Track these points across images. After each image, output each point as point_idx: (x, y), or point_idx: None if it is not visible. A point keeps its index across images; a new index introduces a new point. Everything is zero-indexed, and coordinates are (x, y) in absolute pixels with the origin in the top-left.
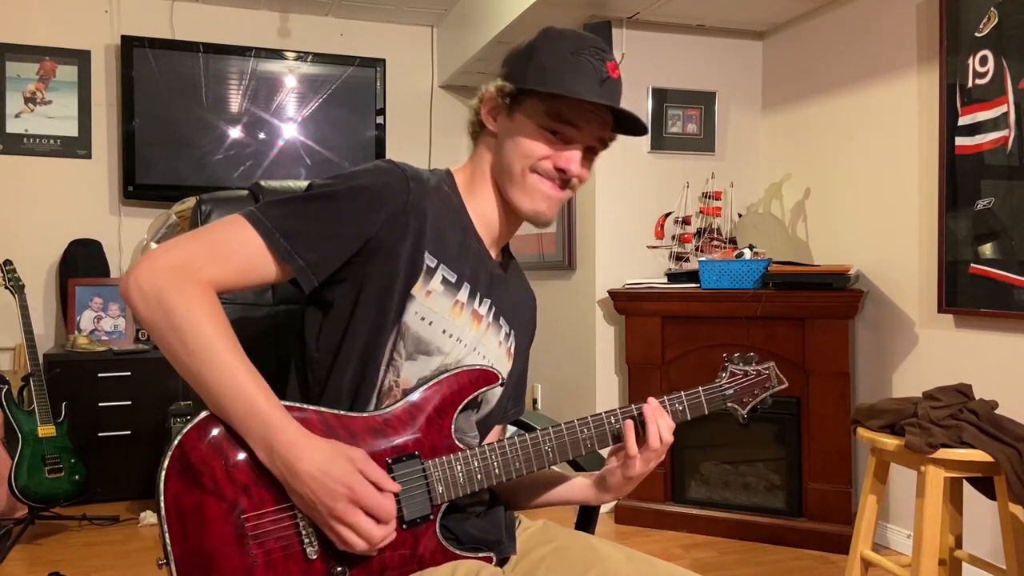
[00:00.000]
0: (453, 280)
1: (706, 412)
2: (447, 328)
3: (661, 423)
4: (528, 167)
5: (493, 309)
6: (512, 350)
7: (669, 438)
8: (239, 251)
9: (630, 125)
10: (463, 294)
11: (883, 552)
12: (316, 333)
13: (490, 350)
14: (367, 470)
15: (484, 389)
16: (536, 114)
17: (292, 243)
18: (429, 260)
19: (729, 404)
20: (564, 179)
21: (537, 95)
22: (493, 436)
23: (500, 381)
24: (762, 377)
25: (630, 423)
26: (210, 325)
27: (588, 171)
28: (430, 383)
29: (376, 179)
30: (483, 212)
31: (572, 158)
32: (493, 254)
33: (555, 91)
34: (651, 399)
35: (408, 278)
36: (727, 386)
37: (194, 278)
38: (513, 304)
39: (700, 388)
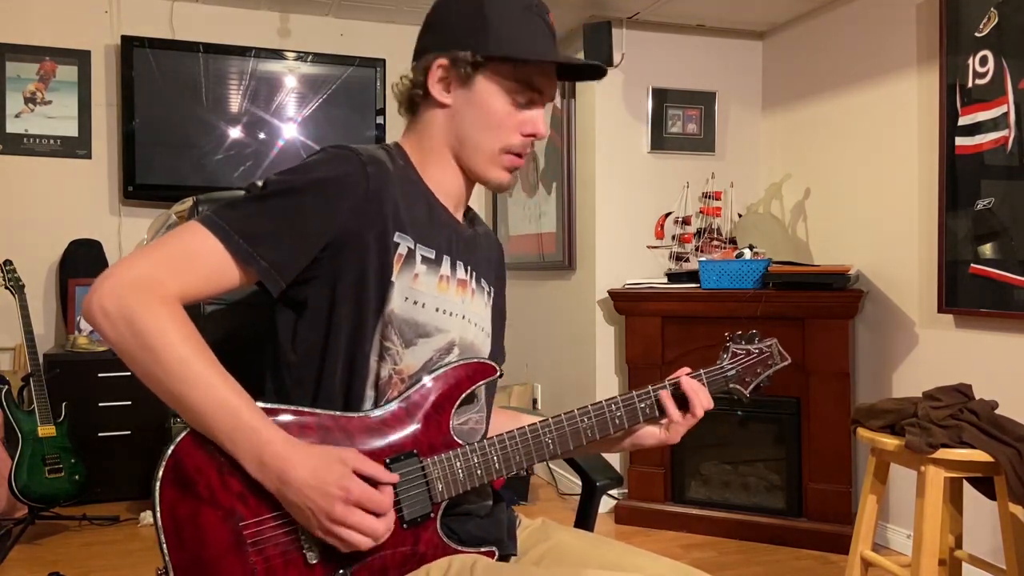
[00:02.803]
0: (432, 256)
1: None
2: (439, 305)
3: (701, 396)
4: (500, 148)
5: (473, 273)
6: (492, 304)
7: (699, 413)
8: (201, 259)
9: (575, 73)
10: (445, 267)
11: (883, 552)
12: (291, 336)
13: (477, 313)
14: (361, 467)
15: (482, 382)
16: (502, 81)
17: (252, 244)
18: (404, 243)
19: (731, 385)
20: (533, 141)
21: (502, 62)
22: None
23: (499, 373)
24: (764, 355)
25: (666, 393)
26: (183, 343)
27: None
28: (427, 378)
29: (334, 169)
30: (440, 181)
31: (539, 119)
32: (458, 218)
33: (530, 57)
34: (686, 377)
35: (383, 265)
36: (729, 367)
37: (159, 293)
38: (486, 261)
39: (702, 370)
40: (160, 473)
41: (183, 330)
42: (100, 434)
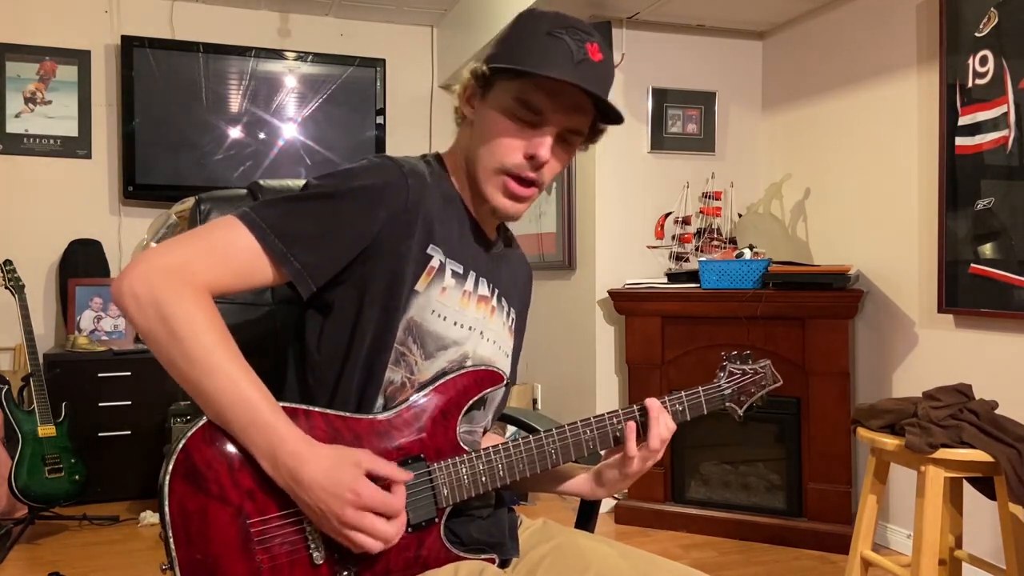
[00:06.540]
0: (460, 271)
1: (705, 412)
2: (458, 319)
3: (663, 423)
4: (496, 167)
5: (496, 291)
6: (513, 327)
7: (668, 437)
8: (235, 254)
9: (611, 112)
10: (470, 283)
11: (883, 552)
12: (317, 336)
13: (495, 331)
14: (374, 468)
15: (489, 390)
16: (503, 97)
17: (288, 245)
18: (436, 256)
19: (727, 404)
20: (535, 166)
21: (506, 77)
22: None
23: (505, 381)
24: (759, 376)
25: (632, 425)
26: (210, 333)
27: (561, 163)
28: (436, 384)
29: (376, 178)
30: (472, 196)
31: (542, 143)
32: (490, 235)
33: (515, 67)
34: (652, 399)
35: (413, 276)
36: (726, 386)
37: (191, 282)
38: (512, 281)
39: (700, 388)
40: (170, 467)
41: (211, 320)
42: (100, 434)
